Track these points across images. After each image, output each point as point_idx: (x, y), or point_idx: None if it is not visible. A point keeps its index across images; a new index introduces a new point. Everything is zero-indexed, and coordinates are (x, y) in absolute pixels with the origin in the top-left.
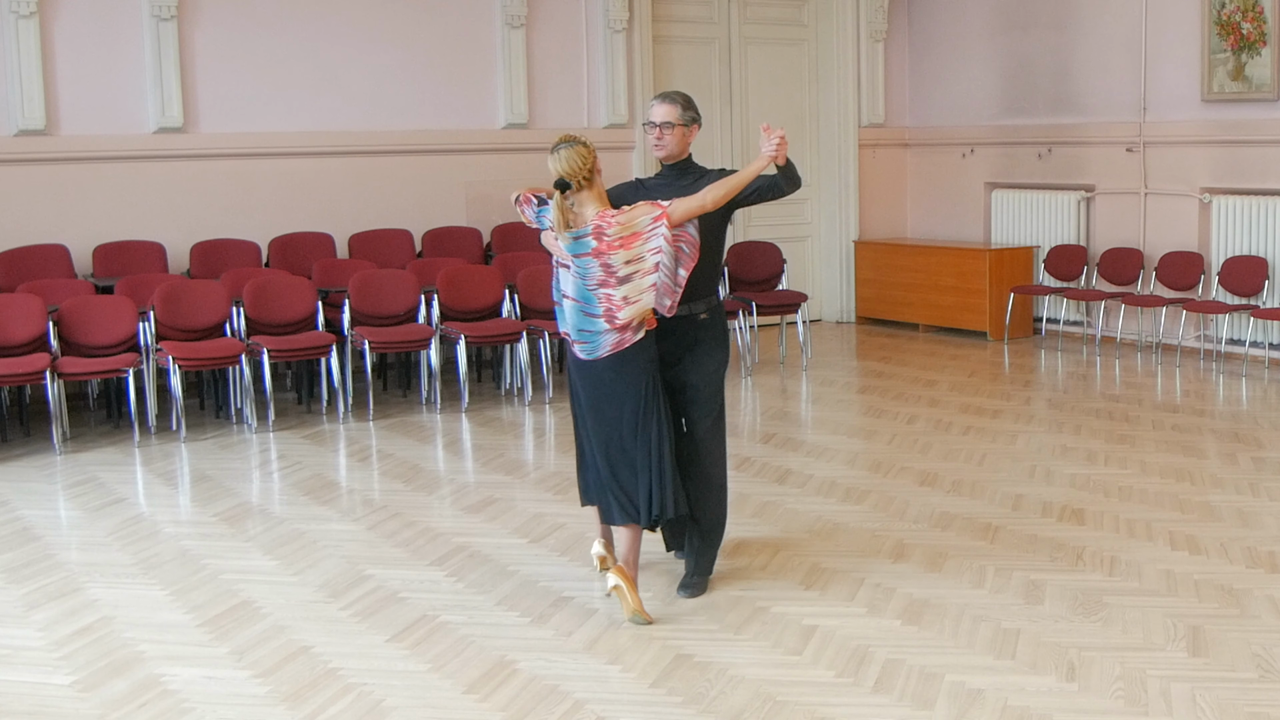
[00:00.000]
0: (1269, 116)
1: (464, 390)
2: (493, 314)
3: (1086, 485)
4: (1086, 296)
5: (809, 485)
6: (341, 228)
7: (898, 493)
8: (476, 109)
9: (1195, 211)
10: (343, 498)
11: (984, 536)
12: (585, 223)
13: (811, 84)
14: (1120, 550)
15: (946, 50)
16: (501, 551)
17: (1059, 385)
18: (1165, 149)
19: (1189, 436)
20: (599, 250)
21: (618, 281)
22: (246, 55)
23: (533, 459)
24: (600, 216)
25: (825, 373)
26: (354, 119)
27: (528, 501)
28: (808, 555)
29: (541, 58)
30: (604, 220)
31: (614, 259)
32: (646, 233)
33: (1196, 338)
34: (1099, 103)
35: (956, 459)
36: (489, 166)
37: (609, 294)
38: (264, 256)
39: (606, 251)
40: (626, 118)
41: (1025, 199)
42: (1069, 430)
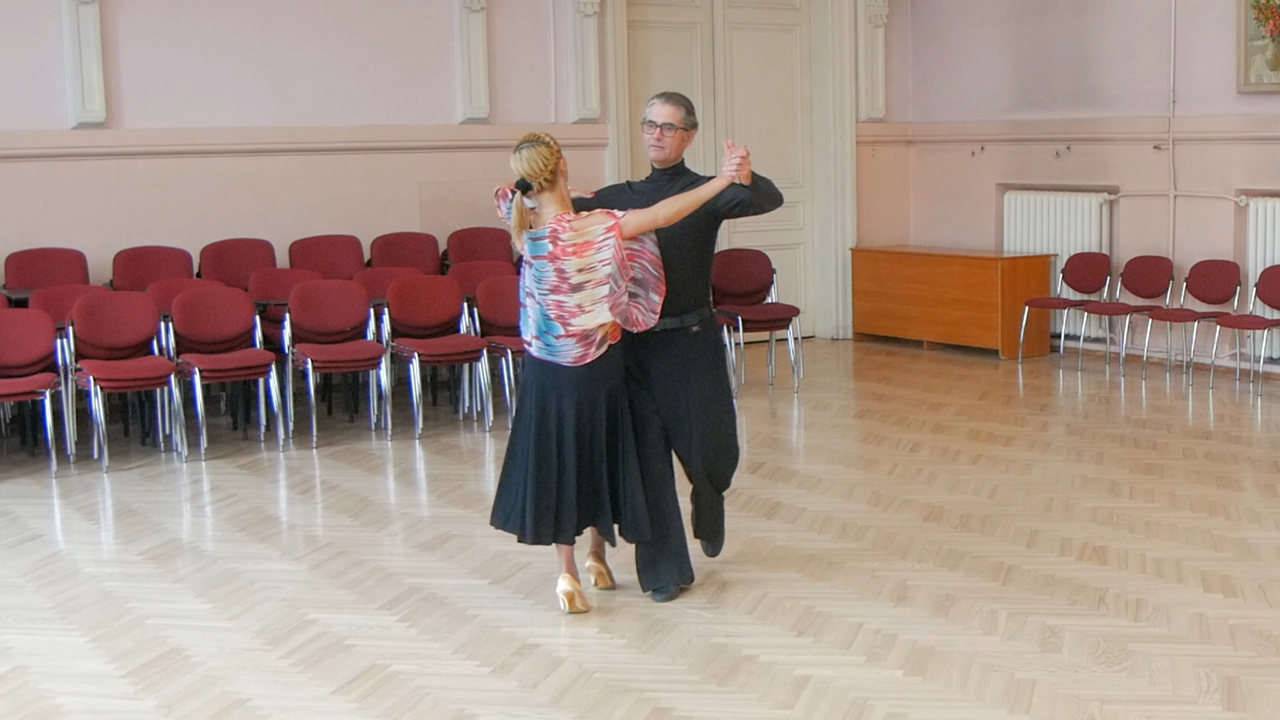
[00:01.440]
0: None
1: (418, 414)
2: (449, 330)
3: (1109, 520)
4: (1109, 310)
5: (801, 520)
6: (282, 234)
7: (900, 528)
8: (431, 102)
9: (1230, 216)
10: (283, 534)
11: (995, 577)
12: (544, 225)
13: (804, 74)
14: (1147, 592)
15: (954, 37)
16: (459, 594)
17: (1079, 409)
18: (1197, 146)
19: (1223, 466)
20: (553, 254)
21: (570, 289)
22: (177, 42)
23: (494, 491)
24: (558, 220)
25: (819, 395)
26: (296, 113)
27: (488, 538)
28: (800, 598)
29: (504, 46)
30: (560, 224)
31: (567, 265)
32: (598, 242)
33: (1231, 356)
34: (1123, 95)
35: (965, 491)
36: (445, 166)
37: (560, 300)
38: (195, 266)
39: (560, 256)
40: (598, 112)
41: (1041, 202)
42: (1090, 459)
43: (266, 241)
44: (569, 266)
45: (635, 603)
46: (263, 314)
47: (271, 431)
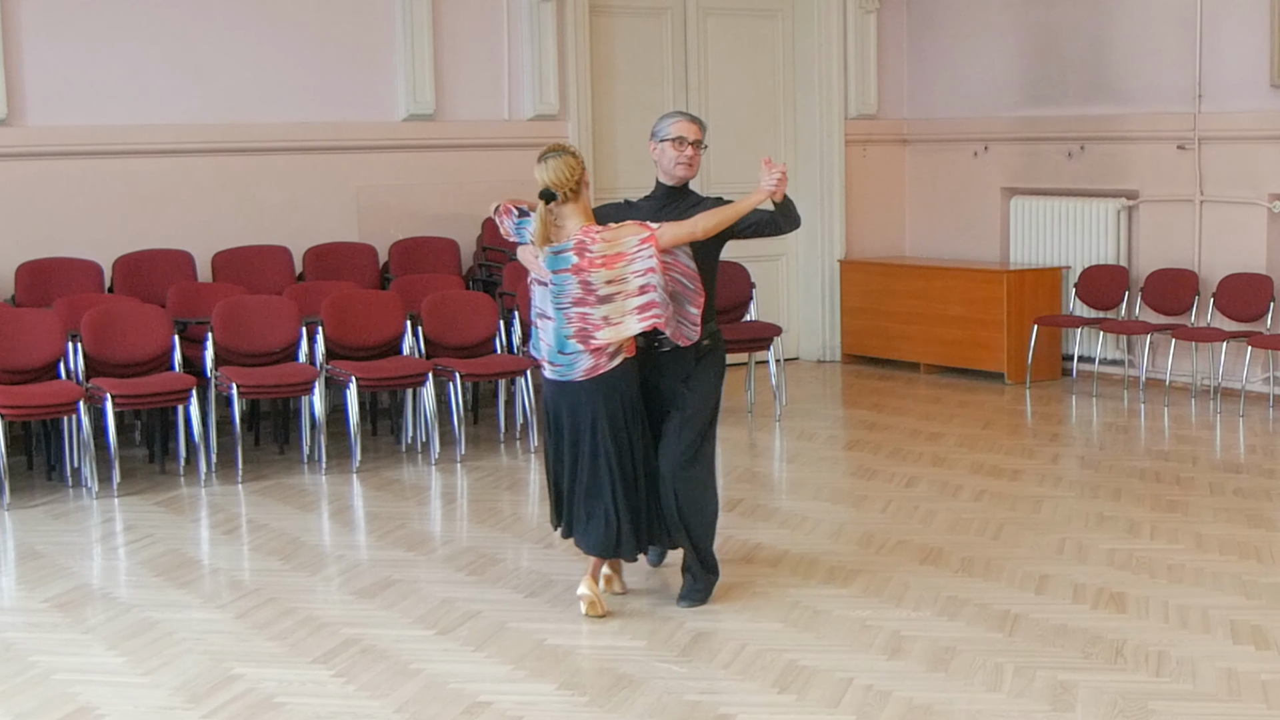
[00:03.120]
0: None
1: (355, 446)
2: (391, 351)
3: (1128, 564)
4: (1128, 329)
5: (784, 563)
6: (203, 244)
7: (894, 572)
8: (371, 98)
9: (1263, 224)
10: (205, 579)
11: (1001, 627)
12: (567, 237)
13: (787, 65)
14: (1170, 644)
15: (955, 24)
16: (401, 646)
17: (1094, 439)
18: (1226, 146)
19: (1255, 503)
20: (579, 266)
21: (597, 300)
22: (86, 32)
23: (440, 531)
24: (584, 231)
25: (804, 424)
26: (219, 110)
27: (434, 584)
28: (783, 650)
29: (452, 34)
30: (588, 235)
31: (594, 277)
32: (631, 254)
33: (1264, 380)
34: (1144, 89)
35: (967, 531)
36: (386, 168)
37: (585, 313)
38: (107, 280)
39: (587, 269)
40: (557, 108)
41: (1052, 208)
42: (1107, 495)
43: (186, 252)
44: (596, 278)
45: (601, 653)
46: (182, 333)
47: (192, 464)
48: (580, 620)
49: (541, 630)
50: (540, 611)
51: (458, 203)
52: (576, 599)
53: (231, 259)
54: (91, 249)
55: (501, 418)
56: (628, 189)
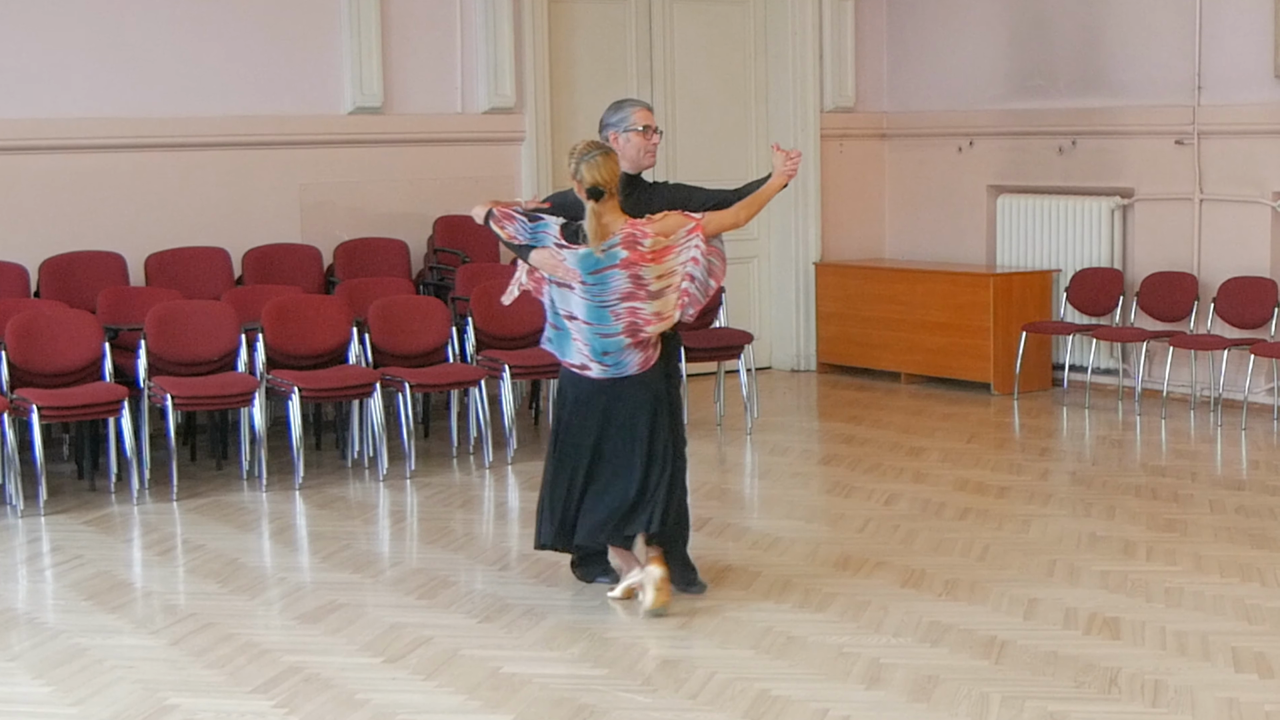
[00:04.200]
0: None
1: (298, 461)
2: (336, 360)
3: (1123, 586)
4: (1122, 337)
5: (756, 586)
6: (136, 245)
7: (873, 596)
8: (315, 89)
9: (1267, 224)
10: (138, 603)
11: (987, 654)
12: (612, 233)
13: (759, 55)
14: (1168, 672)
15: (937, 11)
16: (347, 674)
17: (1086, 454)
18: (1227, 141)
19: (1258, 522)
20: (630, 260)
21: (648, 296)
22: (9, 17)
23: (389, 551)
24: (632, 225)
25: (777, 437)
26: (151, 102)
27: (382, 608)
28: (754, 679)
29: (401, 21)
30: (637, 230)
31: (645, 272)
32: (680, 246)
33: (1268, 391)
34: (1139, 80)
35: (951, 551)
36: (331, 165)
37: (635, 308)
38: (32, 283)
39: (638, 262)
40: (513, 101)
41: (1041, 207)
42: (1100, 514)
43: (118, 254)
44: (648, 273)
45: (560, 682)
46: (113, 341)
47: (124, 481)
48: (538, 647)
49: (496, 658)
50: (495, 638)
51: (407, 201)
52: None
53: (166, 261)
54: (16, 251)
55: (454, 431)
56: None
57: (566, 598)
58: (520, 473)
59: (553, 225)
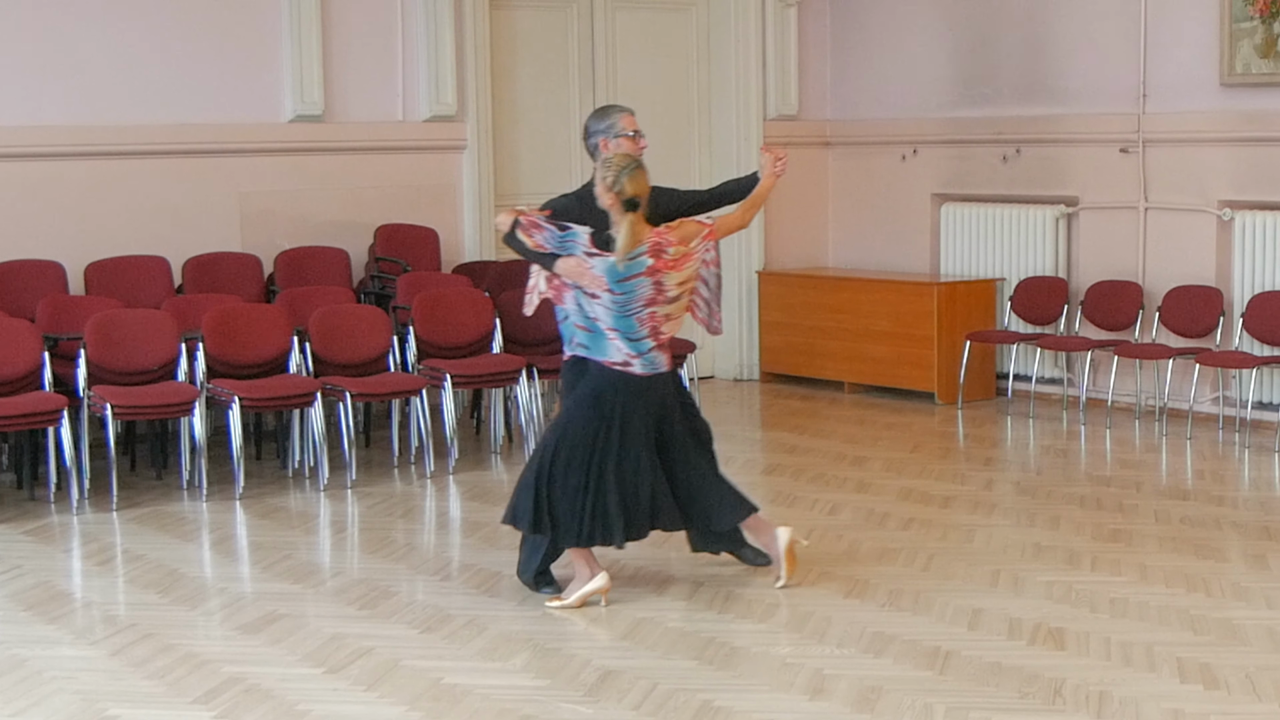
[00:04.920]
0: None
1: (239, 470)
2: (276, 369)
3: (1067, 597)
4: (1067, 346)
5: (698, 597)
6: (75, 254)
7: (816, 606)
8: (255, 97)
9: (1212, 232)
10: (77, 613)
11: (931, 665)
12: (641, 241)
13: (701, 63)
14: (1113, 683)
15: (882, 19)
16: (288, 685)
17: (1030, 464)
18: (1172, 149)
19: (1203, 532)
20: (654, 268)
21: (666, 301)
22: None
23: (330, 562)
24: (657, 234)
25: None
26: (90, 111)
27: (324, 619)
28: (696, 690)
29: (342, 29)
30: (661, 238)
31: (667, 279)
32: (697, 253)
33: (1213, 400)
34: (1084, 88)
35: (894, 562)
36: (271, 173)
37: (654, 313)
38: None
39: (662, 270)
40: (455, 109)
41: (985, 216)
42: (1044, 524)
43: (57, 263)
44: (669, 280)
45: (501, 693)
46: (52, 350)
47: (63, 491)
48: (479, 657)
49: (438, 669)
50: (436, 648)
51: (348, 210)
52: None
53: (105, 270)
54: None
55: (395, 440)
56: (531, 194)
57: (509, 608)
58: (462, 482)
59: (581, 234)
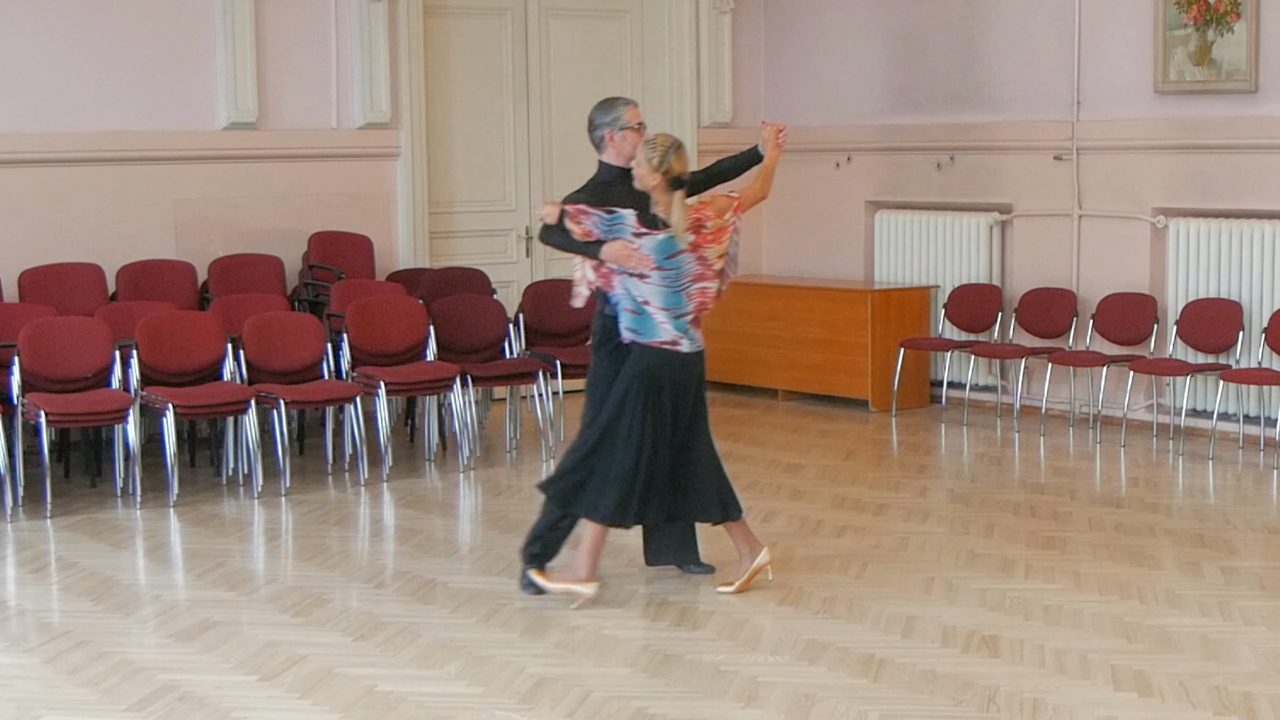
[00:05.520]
0: (1244, 113)
1: (173, 478)
2: (210, 376)
3: (1001, 604)
4: (1001, 353)
5: (632, 604)
6: (8, 262)
7: (749, 614)
8: (189, 104)
9: (1146, 240)
10: (10, 621)
11: (865, 672)
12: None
13: (635, 70)
14: (1046, 691)
15: (815, 26)
16: (222, 693)
17: (965, 471)
18: (1106, 157)
19: (1137, 540)
20: (696, 244)
21: (714, 275)
22: None
23: (264, 569)
24: (696, 210)
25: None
26: (24, 117)
27: (257, 626)
28: (631, 698)
29: (276, 36)
30: (700, 213)
31: (709, 253)
32: (730, 226)
33: (1147, 408)
34: (1018, 96)
35: (829, 569)
36: (205, 180)
37: (705, 288)
38: None
39: (702, 245)
40: (389, 116)
41: (919, 223)
42: (978, 531)
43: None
44: (710, 254)
45: (435, 700)
46: None
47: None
48: (413, 665)
49: (372, 676)
50: (370, 656)
51: (282, 217)
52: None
53: (39, 278)
54: None
55: (329, 448)
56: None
57: (442, 615)
58: (396, 490)
59: (628, 216)
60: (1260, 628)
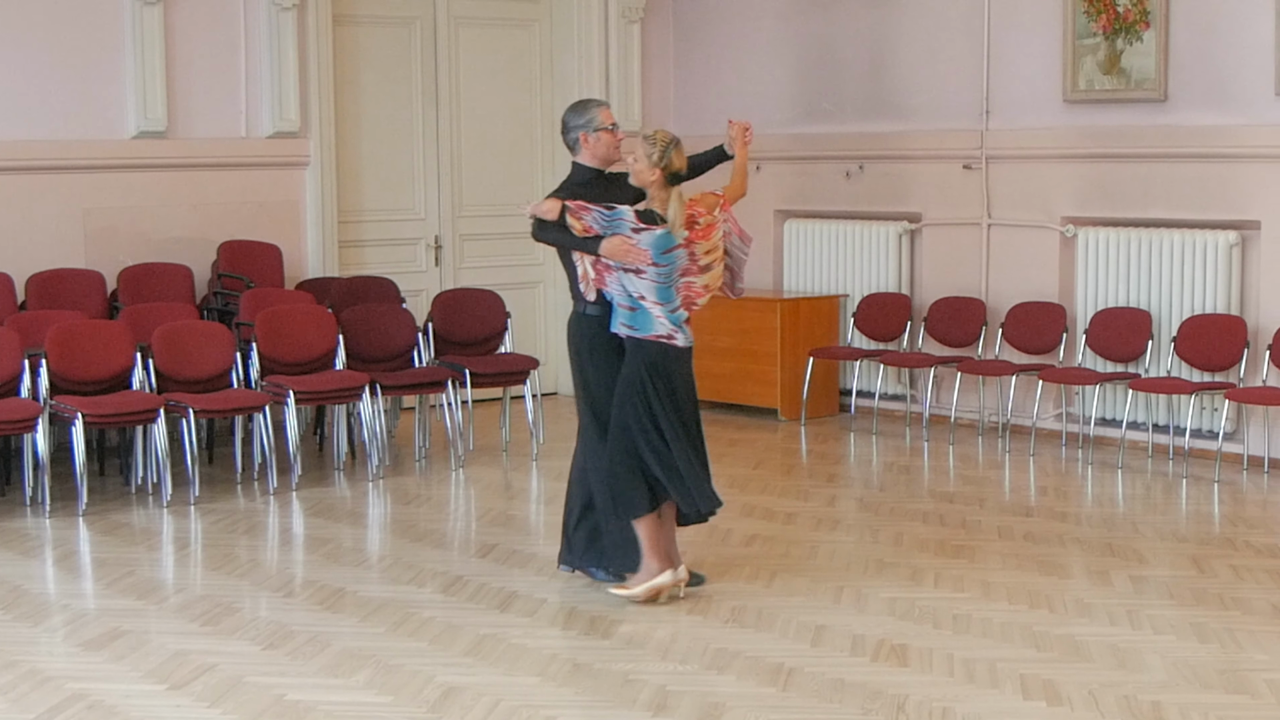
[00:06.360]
0: (1153, 122)
1: (82, 486)
2: (120, 385)
3: (910, 613)
4: (910, 362)
5: (541, 613)
6: None
7: (659, 623)
8: (97, 113)
9: (1055, 249)
10: None
11: (773, 681)
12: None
13: (544, 78)
14: (955, 699)
15: (724, 35)
16: (131, 702)
17: (874, 480)
18: (1015, 166)
19: (1046, 549)
20: (689, 240)
21: (699, 270)
22: None
23: (174, 578)
24: (689, 206)
25: (563, 463)
26: None
27: (166, 635)
28: (540, 706)
29: (186, 45)
30: (693, 209)
31: (698, 248)
32: (719, 222)
33: (1056, 417)
34: (927, 104)
35: (737, 578)
36: (115, 189)
37: (690, 283)
38: None
39: (695, 240)
40: (298, 124)
41: (829, 232)
42: (887, 540)
43: None
44: (699, 249)
45: (344, 710)
46: None
47: None
48: (322, 674)
49: (281, 685)
50: (279, 664)
51: (192, 226)
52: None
53: None
54: None
55: (239, 457)
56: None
57: (351, 624)
58: (305, 499)
59: (627, 212)
60: (1169, 636)
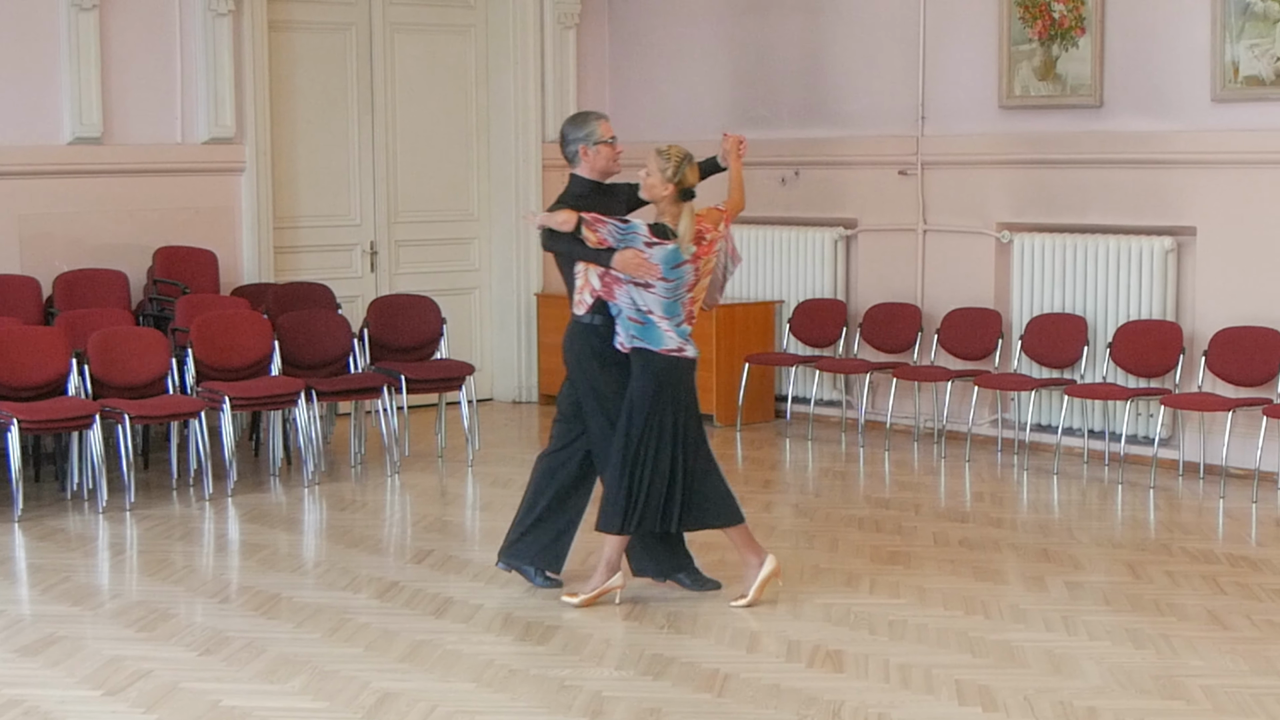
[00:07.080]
0: (1089, 128)
1: (17, 493)
2: (55, 391)
3: (846, 619)
4: (846, 368)
5: (476, 619)
6: None
7: (594, 629)
8: (32, 119)
9: (990, 255)
10: None
11: (709, 687)
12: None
13: (480, 85)
14: (891, 705)
15: (660, 41)
16: (67, 708)
17: (809, 486)
18: (951, 171)
19: (982, 554)
20: (697, 254)
21: (696, 285)
22: None
23: (109, 584)
24: (696, 221)
25: (498, 469)
26: None
27: (102, 640)
28: (475, 712)
29: (121, 51)
30: (700, 225)
31: (702, 264)
32: (721, 236)
33: (992, 423)
34: (863, 110)
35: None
36: (50, 195)
37: (692, 297)
38: None
39: (702, 255)
40: (233, 130)
41: (764, 238)
42: (823, 546)
43: None
44: (703, 264)
45: (279, 715)
46: None
47: None
48: (258, 680)
49: (217, 690)
50: (215, 670)
51: (127, 232)
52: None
53: None
54: None
55: (174, 463)
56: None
57: (287, 630)
58: (240, 505)
59: (641, 226)
60: (1104, 642)
